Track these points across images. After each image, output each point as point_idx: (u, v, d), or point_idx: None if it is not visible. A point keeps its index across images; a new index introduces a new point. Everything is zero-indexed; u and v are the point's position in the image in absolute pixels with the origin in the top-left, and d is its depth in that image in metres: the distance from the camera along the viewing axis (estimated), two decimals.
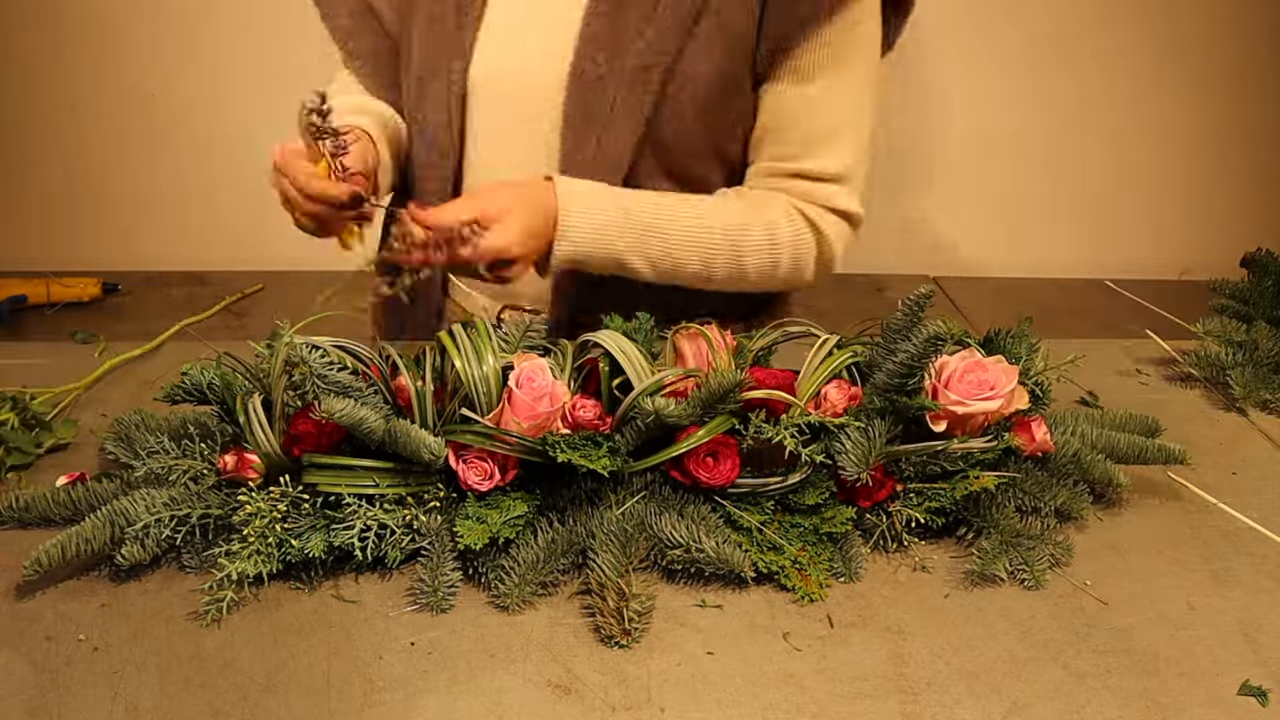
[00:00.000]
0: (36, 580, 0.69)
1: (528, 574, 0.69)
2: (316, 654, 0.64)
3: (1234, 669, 0.65)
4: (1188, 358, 1.06)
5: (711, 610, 0.69)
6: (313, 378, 0.70)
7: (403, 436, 0.68)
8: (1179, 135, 2.22)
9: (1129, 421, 0.87)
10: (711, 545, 0.69)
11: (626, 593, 0.67)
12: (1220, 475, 0.87)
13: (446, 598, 0.68)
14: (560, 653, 0.65)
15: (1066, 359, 0.87)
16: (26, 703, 0.60)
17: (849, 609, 0.70)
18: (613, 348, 0.75)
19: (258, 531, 0.68)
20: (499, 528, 0.69)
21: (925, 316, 0.76)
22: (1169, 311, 1.17)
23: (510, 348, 0.78)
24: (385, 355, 0.76)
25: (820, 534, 0.73)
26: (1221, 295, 1.11)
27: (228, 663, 0.63)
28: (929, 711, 0.61)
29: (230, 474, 0.72)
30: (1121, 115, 2.19)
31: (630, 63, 0.96)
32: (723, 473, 0.73)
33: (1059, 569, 0.74)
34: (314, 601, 0.69)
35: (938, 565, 0.74)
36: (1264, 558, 0.76)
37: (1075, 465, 0.79)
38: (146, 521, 0.69)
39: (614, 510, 0.72)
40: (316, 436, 0.71)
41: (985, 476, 0.74)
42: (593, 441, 0.71)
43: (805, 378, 0.78)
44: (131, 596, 0.69)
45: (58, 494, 0.75)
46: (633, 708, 0.61)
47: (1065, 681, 0.64)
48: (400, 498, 0.71)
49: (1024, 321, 0.87)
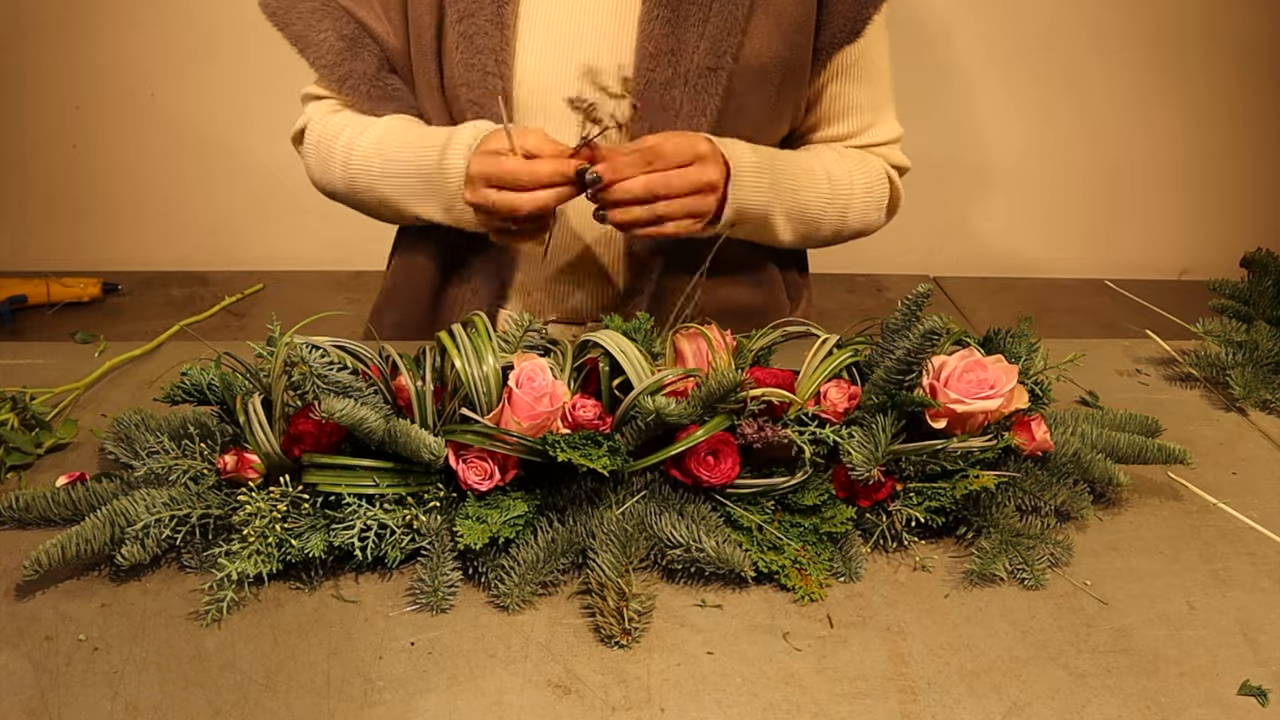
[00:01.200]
0: (36, 580, 0.69)
1: (528, 574, 0.69)
2: (316, 654, 0.64)
3: (1234, 669, 0.65)
4: (1188, 358, 1.06)
5: (711, 610, 0.69)
6: (313, 378, 0.70)
7: (403, 436, 0.68)
8: (1179, 135, 2.22)
9: (1129, 421, 0.87)
10: (711, 545, 0.69)
11: (626, 593, 0.67)
12: (1220, 475, 0.87)
13: (446, 598, 0.68)
14: (560, 653, 0.65)
15: (1066, 359, 0.87)
16: (26, 703, 0.60)
17: (849, 609, 0.70)
18: (613, 348, 0.75)
19: (258, 531, 0.68)
20: (499, 527, 0.69)
21: (924, 315, 0.76)
22: (1169, 311, 1.17)
23: (510, 348, 0.78)
24: (385, 355, 0.76)
25: (820, 534, 0.73)
26: (1221, 295, 1.11)
27: (228, 663, 0.63)
28: (929, 711, 0.61)
29: (230, 474, 0.72)
30: (1122, 115, 2.19)
31: (695, 64, 0.98)
32: (723, 472, 0.73)
33: (1059, 569, 0.74)
34: (314, 601, 0.69)
35: (938, 565, 0.74)
36: (1264, 558, 0.76)
37: (1075, 465, 0.79)
38: (146, 521, 0.69)
39: (614, 510, 0.72)
40: (316, 436, 0.71)
41: (985, 476, 0.74)
42: (593, 441, 0.71)
43: (805, 377, 0.78)
44: (131, 596, 0.69)
45: (58, 494, 0.74)
46: (633, 708, 0.61)
47: (1065, 681, 0.64)
48: (400, 498, 0.71)
49: (1024, 321, 0.87)
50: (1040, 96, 2.16)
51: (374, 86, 1.06)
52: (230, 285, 1.95)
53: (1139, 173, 2.25)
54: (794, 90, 1.06)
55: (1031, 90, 2.15)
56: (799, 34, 1.02)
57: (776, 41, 1.01)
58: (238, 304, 1.87)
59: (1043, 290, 2.17)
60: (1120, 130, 2.20)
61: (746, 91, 1.01)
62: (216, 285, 2.01)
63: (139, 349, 1.03)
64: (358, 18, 1.04)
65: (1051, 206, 2.27)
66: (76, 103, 2.07)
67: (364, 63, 1.05)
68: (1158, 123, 2.21)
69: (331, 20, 1.03)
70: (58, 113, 2.07)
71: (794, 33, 1.02)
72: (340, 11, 1.03)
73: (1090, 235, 2.31)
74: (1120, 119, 2.19)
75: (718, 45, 0.98)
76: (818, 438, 0.74)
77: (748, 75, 1.00)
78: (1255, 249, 1.13)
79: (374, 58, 1.05)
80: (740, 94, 1.01)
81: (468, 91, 1.01)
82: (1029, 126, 2.18)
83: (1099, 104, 2.17)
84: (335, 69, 1.04)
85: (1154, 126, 2.21)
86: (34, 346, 1.04)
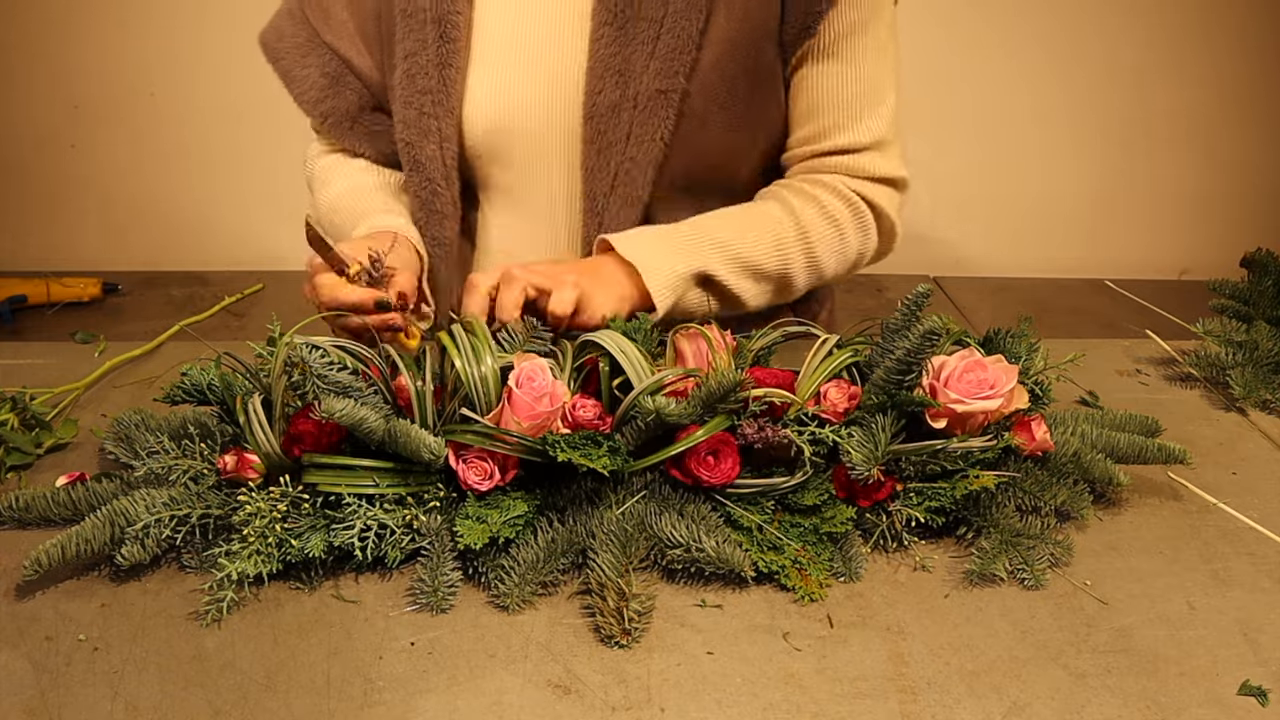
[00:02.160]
0: (36, 580, 0.69)
1: (528, 574, 0.69)
2: (316, 654, 0.64)
3: (1234, 669, 0.65)
4: (1188, 358, 1.06)
5: (711, 610, 0.69)
6: (313, 378, 0.70)
7: (403, 436, 0.68)
8: (1179, 136, 2.22)
9: (1129, 421, 0.87)
10: (711, 545, 0.69)
11: (626, 593, 0.67)
12: (1220, 475, 0.87)
13: (446, 598, 0.68)
14: (560, 653, 0.65)
15: (1066, 359, 0.87)
16: (26, 703, 0.60)
17: (849, 609, 0.70)
18: (613, 348, 0.75)
19: (258, 531, 0.68)
20: (499, 527, 0.69)
21: (924, 315, 0.76)
22: (1169, 311, 1.17)
23: (511, 348, 0.78)
24: (385, 355, 0.76)
25: (820, 534, 0.73)
26: (1221, 295, 1.11)
27: (228, 663, 0.63)
28: (929, 711, 0.61)
29: (230, 474, 0.72)
30: (1122, 115, 2.19)
31: (645, 86, 0.93)
32: (723, 472, 0.73)
33: (1059, 569, 0.74)
34: (314, 601, 0.69)
35: (938, 565, 0.74)
36: (1264, 558, 0.76)
37: (1075, 465, 0.79)
38: (146, 521, 0.69)
39: (614, 510, 0.72)
40: (316, 436, 0.71)
41: (985, 476, 0.74)
42: (593, 441, 0.71)
43: (805, 378, 0.78)
44: (131, 596, 0.69)
45: (58, 494, 0.75)
46: (633, 708, 0.61)
47: (1065, 681, 0.64)
48: (400, 498, 0.71)
49: (1024, 321, 0.87)
50: (1041, 96, 2.16)
51: (355, 124, 1.06)
52: (230, 285, 1.95)
53: (1139, 173, 2.25)
54: (767, 99, 0.99)
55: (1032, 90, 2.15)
56: (764, 39, 0.95)
57: (739, 52, 0.94)
58: (238, 304, 1.88)
59: (1043, 290, 2.17)
60: (1121, 130, 2.20)
61: (706, 110, 0.95)
62: (216, 285, 2.01)
63: (139, 349, 1.03)
64: (340, 54, 1.03)
65: (1051, 206, 2.27)
66: (75, 102, 2.07)
67: (345, 101, 1.05)
68: (1158, 123, 2.21)
69: (316, 57, 1.03)
70: (57, 112, 2.07)
71: (759, 39, 0.95)
72: (324, 49, 1.03)
73: (1090, 235, 2.31)
74: (1120, 119, 2.19)
75: (668, 65, 0.92)
76: (818, 438, 0.74)
77: (706, 92, 0.94)
78: (1255, 249, 1.13)
79: (355, 95, 1.05)
80: (698, 114, 0.95)
81: (404, 130, 0.99)
82: (1029, 126, 2.18)
83: (1099, 104, 2.17)
84: (318, 105, 1.05)
85: (1154, 126, 2.21)
86: (34, 346, 1.04)
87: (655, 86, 0.93)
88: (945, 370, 0.75)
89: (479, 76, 0.98)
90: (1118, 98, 2.16)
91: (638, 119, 0.94)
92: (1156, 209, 2.29)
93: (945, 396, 0.74)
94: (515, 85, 0.98)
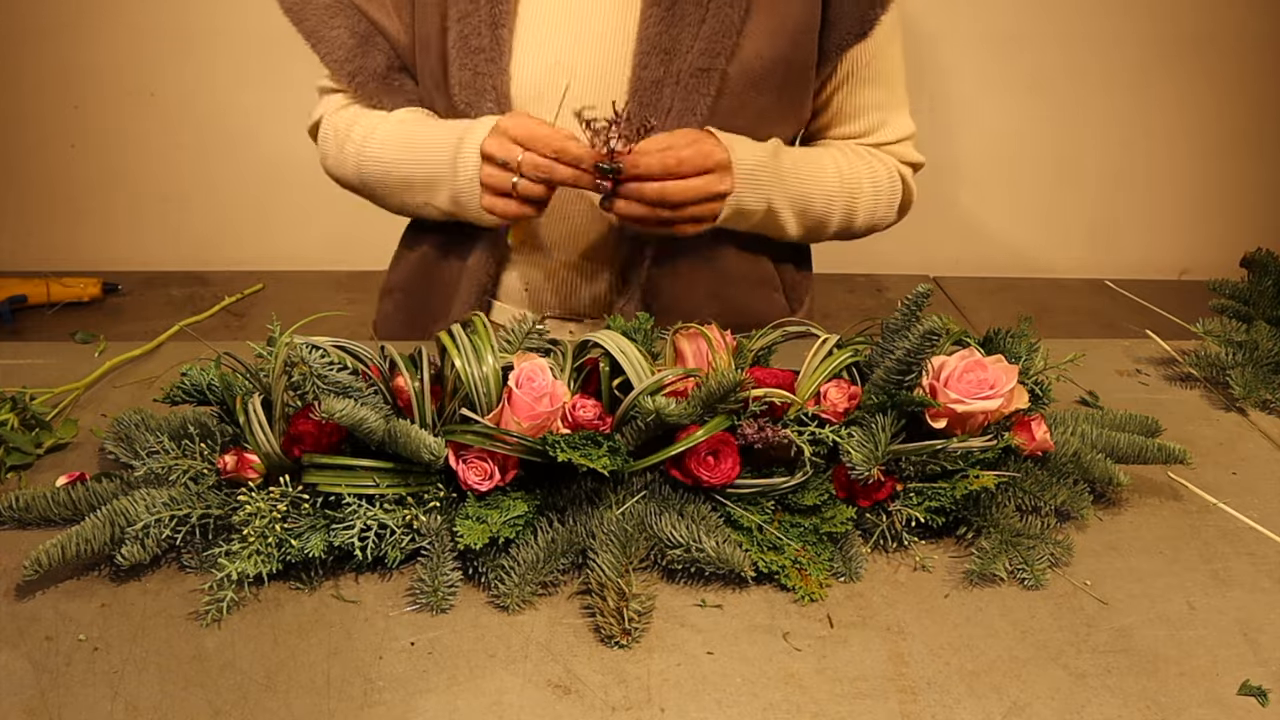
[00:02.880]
0: (36, 580, 0.69)
1: (528, 574, 0.69)
2: (316, 654, 0.64)
3: (1234, 669, 0.65)
4: (1188, 358, 1.06)
5: (711, 610, 0.69)
6: (313, 378, 0.70)
7: (403, 436, 0.68)
8: (1179, 135, 2.22)
9: (1129, 421, 0.87)
10: (711, 545, 0.69)
11: (626, 593, 0.67)
12: (1220, 475, 0.87)
13: (446, 598, 0.68)
14: (560, 653, 0.65)
15: (1066, 359, 0.87)
16: (26, 703, 0.60)
17: (849, 609, 0.70)
18: (613, 348, 0.75)
19: (258, 531, 0.68)
20: (499, 528, 0.69)
21: (924, 315, 0.76)
22: (1169, 311, 1.17)
23: (511, 348, 0.78)
24: (385, 355, 0.76)
25: (820, 534, 0.73)
26: (1221, 295, 1.11)
27: (228, 663, 0.63)
28: (929, 711, 0.61)
29: (230, 474, 0.72)
30: (1122, 115, 2.19)
31: (688, 64, 0.98)
32: (723, 472, 0.73)
33: (1059, 569, 0.74)
34: (314, 601, 0.69)
35: (938, 565, 0.74)
36: (1264, 558, 0.76)
37: (1075, 465, 0.79)
38: (146, 521, 0.69)
39: (614, 510, 0.72)
40: (316, 436, 0.71)
41: (985, 476, 0.74)
42: (593, 441, 0.71)
43: (805, 377, 0.78)
44: (131, 596, 0.69)
45: (58, 494, 0.74)
46: (633, 708, 0.61)
47: (1065, 681, 0.64)
48: (400, 498, 0.71)
49: (1024, 321, 0.87)
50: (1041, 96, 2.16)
51: (383, 84, 1.08)
52: (230, 285, 1.95)
53: (1139, 172, 2.25)
54: (797, 92, 1.06)
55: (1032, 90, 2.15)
56: (803, 35, 1.02)
57: (779, 43, 1.01)
58: (238, 304, 1.87)
59: (1043, 290, 2.17)
60: (1120, 130, 2.20)
61: (742, 93, 1.01)
62: (216, 285, 2.00)
63: (139, 349, 1.03)
64: (370, 16, 1.05)
65: (1051, 206, 2.27)
66: (75, 102, 2.07)
67: (374, 60, 1.07)
68: (1158, 123, 2.20)
69: (344, 18, 1.05)
70: (56, 112, 2.07)
71: (797, 34, 1.02)
72: (353, 9, 1.05)
73: (1090, 235, 2.30)
74: (1120, 119, 2.19)
75: (712, 46, 0.98)
76: (818, 438, 0.74)
77: (744, 77, 1.00)
78: (1255, 249, 1.13)
79: (384, 55, 1.07)
80: (735, 95, 1.01)
81: (461, 91, 1.02)
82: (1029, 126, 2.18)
83: (1099, 104, 2.17)
84: (346, 65, 1.06)
85: (1154, 126, 2.21)
86: (34, 346, 1.04)
87: (698, 65, 0.98)
88: (945, 370, 0.75)
89: (525, 41, 1.02)
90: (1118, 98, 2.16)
91: (679, 94, 0.99)
92: (1156, 209, 2.28)
93: (945, 396, 0.74)
94: (563, 52, 1.01)
